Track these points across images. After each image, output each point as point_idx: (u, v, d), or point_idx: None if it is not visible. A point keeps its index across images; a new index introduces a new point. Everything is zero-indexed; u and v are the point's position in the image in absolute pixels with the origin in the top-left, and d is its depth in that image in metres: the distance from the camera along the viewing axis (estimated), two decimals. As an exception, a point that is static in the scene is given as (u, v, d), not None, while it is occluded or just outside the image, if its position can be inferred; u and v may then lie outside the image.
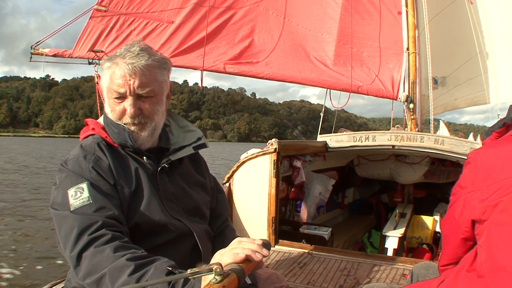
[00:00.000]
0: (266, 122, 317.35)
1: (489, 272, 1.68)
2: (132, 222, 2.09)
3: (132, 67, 2.14)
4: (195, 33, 7.17)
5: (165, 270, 1.73)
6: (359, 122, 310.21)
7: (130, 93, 2.16)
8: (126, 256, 1.80)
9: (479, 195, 1.79)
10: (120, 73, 2.15)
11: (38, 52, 6.95)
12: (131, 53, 2.18)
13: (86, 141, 2.23)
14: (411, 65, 7.73)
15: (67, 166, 2.11)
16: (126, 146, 2.23)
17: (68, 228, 1.91)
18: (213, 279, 1.42)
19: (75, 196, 1.98)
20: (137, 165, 2.22)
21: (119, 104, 2.20)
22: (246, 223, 4.92)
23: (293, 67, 7.49)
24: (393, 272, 4.14)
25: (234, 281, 1.47)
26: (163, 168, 2.28)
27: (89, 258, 1.83)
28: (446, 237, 2.12)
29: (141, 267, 1.76)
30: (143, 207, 2.14)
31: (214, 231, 2.55)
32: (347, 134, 6.14)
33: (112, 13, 6.93)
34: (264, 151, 4.80)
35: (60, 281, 3.27)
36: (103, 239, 1.87)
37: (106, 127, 2.29)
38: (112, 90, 2.18)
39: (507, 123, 1.93)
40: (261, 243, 1.73)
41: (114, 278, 1.75)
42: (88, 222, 1.91)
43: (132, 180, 2.16)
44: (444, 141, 5.49)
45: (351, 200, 8.48)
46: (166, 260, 1.82)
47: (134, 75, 2.14)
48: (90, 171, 2.06)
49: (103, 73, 2.21)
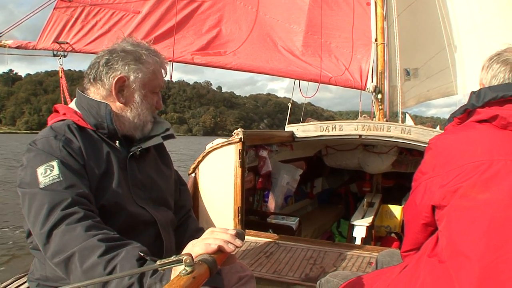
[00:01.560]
0: (232, 115, 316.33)
1: (449, 257, 1.69)
2: (99, 204, 2.05)
3: (166, 68, 2.42)
4: (162, 23, 7.11)
5: (136, 255, 1.70)
6: (326, 115, 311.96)
7: (161, 88, 2.40)
8: (98, 236, 1.77)
9: (439, 181, 1.81)
10: (163, 71, 2.38)
11: (1, 44, 6.80)
12: (161, 55, 2.41)
13: (56, 124, 2.19)
14: (379, 56, 7.78)
15: (36, 146, 2.06)
16: (101, 128, 2.22)
17: (38, 205, 1.87)
18: (183, 270, 1.37)
19: (44, 174, 1.93)
20: (108, 149, 2.20)
21: (153, 97, 2.36)
22: (212, 213, 4.90)
23: (261, 57, 7.48)
24: (359, 260, 4.16)
25: (205, 273, 1.43)
26: (133, 155, 2.28)
27: (59, 236, 1.79)
28: (407, 222, 2.14)
29: (112, 250, 1.72)
30: (111, 190, 2.11)
31: (177, 222, 2.54)
32: (313, 124, 6.13)
33: (77, 3, 6.81)
34: (229, 141, 4.77)
35: (24, 274, 3.22)
36: (75, 217, 1.83)
37: (80, 109, 2.28)
38: (154, 85, 2.34)
39: (468, 109, 1.94)
40: (235, 233, 1.67)
41: (83, 258, 1.71)
42: (59, 198, 1.87)
43: (102, 163, 2.15)
44: (411, 131, 5.52)
45: (319, 190, 8.52)
46: (139, 246, 1.78)
47: (165, 74, 2.43)
48: (61, 150, 2.03)
49: (143, 65, 2.28)
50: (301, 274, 3.77)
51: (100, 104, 2.22)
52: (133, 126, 2.29)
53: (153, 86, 2.32)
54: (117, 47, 2.29)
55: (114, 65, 2.22)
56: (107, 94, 2.25)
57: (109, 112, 2.20)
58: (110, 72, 2.22)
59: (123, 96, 2.25)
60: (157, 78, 2.32)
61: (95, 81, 2.27)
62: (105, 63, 2.23)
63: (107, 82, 2.23)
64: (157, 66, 2.32)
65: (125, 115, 2.27)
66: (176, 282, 1.33)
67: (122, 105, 2.26)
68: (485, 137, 1.80)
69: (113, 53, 2.25)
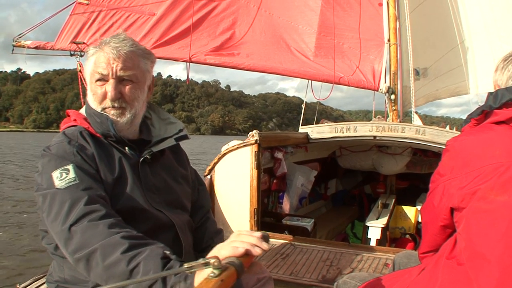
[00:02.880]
0: (241, 114, 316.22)
1: (468, 260, 1.69)
2: (114, 209, 2.03)
3: (117, 51, 2.18)
4: (176, 25, 7.20)
5: (161, 253, 1.69)
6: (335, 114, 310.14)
7: (112, 75, 2.18)
8: (121, 233, 1.77)
9: (457, 183, 1.80)
10: (104, 56, 2.18)
11: (20, 45, 6.93)
12: (116, 39, 2.24)
13: (68, 130, 2.21)
14: (392, 56, 7.76)
15: (50, 151, 2.07)
16: (109, 136, 2.21)
17: (59, 202, 1.87)
18: (211, 273, 1.37)
19: (60, 177, 1.94)
20: (120, 155, 2.20)
21: (100, 86, 2.20)
22: (228, 215, 4.91)
23: (274, 59, 7.51)
24: (375, 261, 4.16)
25: (232, 275, 1.43)
26: (145, 160, 2.27)
27: (81, 232, 1.79)
28: (425, 224, 2.13)
29: (136, 247, 1.72)
30: (125, 194, 2.12)
31: (195, 223, 2.55)
32: (328, 125, 6.13)
33: (94, 6, 6.92)
34: (245, 142, 4.78)
35: (42, 275, 3.25)
36: (97, 214, 1.84)
37: (88, 117, 2.27)
38: (95, 73, 2.19)
39: (485, 110, 1.93)
40: (261, 236, 1.67)
41: (106, 254, 1.70)
42: (81, 195, 1.88)
43: (115, 168, 2.15)
44: (426, 131, 5.51)
45: (334, 191, 8.50)
46: (162, 246, 1.77)
47: (118, 58, 2.18)
48: (75, 155, 2.04)
49: (88, 60, 2.23)
50: (318, 276, 3.77)
51: (102, 115, 2.21)
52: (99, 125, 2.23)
53: (94, 73, 2.20)
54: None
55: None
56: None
57: (110, 122, 2.20)
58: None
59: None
60: (96, 65, 2.20)
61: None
62: None
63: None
64: (98, 53, 2.22)
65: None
66: (204, 285, 1.34)
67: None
68: (503, 138, 1.79)
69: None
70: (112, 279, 1.69)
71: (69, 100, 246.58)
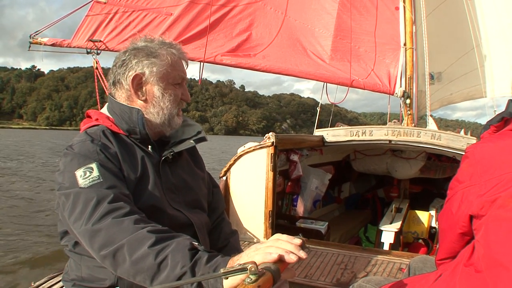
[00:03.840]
0: (255, 115, 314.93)
1: (486, 267, 1.68)
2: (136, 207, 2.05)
3: (186, 59, 2.39)
4: (193, 25, 7.24)
5: (188, 245, 1.69)
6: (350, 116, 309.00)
7: (184, 80, 2.37)
8: (147, 228, 1.77)
9: (477, 190, 1.78)
10: (182, 61, 2.36)
11: (37, 42, 6.98)
12: (177, 46, 2.37)
13: (90, 129, 2.21)
14: (408, 60, 7.76)
15: (73, 150, 2.08)
16: (134, 133, 2.24)
17: (84, 200, 1.88)
18: (247, 279, 1.36)
19: (84, 176, 1.94)
20: (142, 154, 2.21)
21: (177, 89, 2.33)
22: (243, 216, 4.93)
23: (290, 61, 7.55)
24: (390, 266, 4.16)
25: (269, 281, 1.40)
26: (166, 159, 2.30)
27: (106, 228, 1.79)
28: (443, 231, 2.12)
29: (163, 240, 1.72)
30: (147, 193, 2.13)
31: (210, 224, 2.56)
32: (344, 129, 6.13)
33: (112, 5, 6.97)
34: (261, 144, 4.80)
35: (58, 274, 3.28)
36: (122, 211, 1.84)
37: (112, 114, 2.30)
38: (173, 76, 2.30)
39: (505, 117, 1.93)
40: (299, 244, 1.62)
41: (133, 249, 1.71)
42: (105, 193, 1.89)
43: (138, 167, 2.16)
44: (441, 136, 5.50)
45: (347, 194, 8.50)
46: (189, 237, 1.77)
47: (186, 65, 2.39)
48: (98, 153, 2.04)
49: (152, 59, 2.25)
50: (332, 279, 3.78)
51: (132, 109, 2.24)
52: (160, 122, 2.29)
53: (173, 78, 2.29)
54: (129, 46, 2.31)
55: (129, 65, 2.24)
56: (128, 94, 2.27)
57: (141, 117, 2.22)
58: (126, 72, 2.24)
59: (142, 93, 2.26)
60: (175, 69, 2.30)
61: (115, 84, 2.30)
62: (121, 65, 2.26)
63: (124, 83, 2.25)
64: (173, 57, 2.29)
65: (149, 112, 2.27)
66: None
67: (143, 103, 2.27)
68: None
69: (126, 53, 2.28)
70: (140, 273, 1.69)
71: (82, 98, 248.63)
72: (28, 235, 10.66)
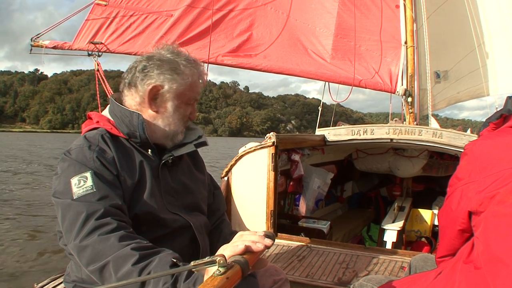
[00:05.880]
0: (259, 116, 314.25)
1: (486, 264, 1.68)
2: (132, 214, 2.09)
3: (205, 80, 2.43)
4: (193, 26, 7.25)
5: (169, 261, 1.73)
6: (355, 116, 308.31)
7: (197, 101, 2.43)
8: (131, 245, 1.81)
9: (476, 187, 1.78)
10: (201, 84, 2.38)
11: (38, 44, 7.00)
12: (201, 67, 2.41)
13: (90, 133, 2.22)
14: (409, 58, 7.75)
15: (70, 155, 2.10)
16: (134, 137, 2.25)
17: (73, 215, 1.91)
18: (216, 271, 1.41)
19: (78, 184, 1.97)
20: (141, 158, 2.23)
21: (188, 108, 2.37)
22: (245, 216, 4.92)
23: (291, 60, 7.54)
24: (391, 264, 4.15)
25: (237, 273, 1.45)
26: (165, 163, 2.31)
27: (93, 245, 1.83)
28: (443, 228, 2.12)
29: (146, 258, 1.77)
30: (144, 199, 2.14)
31: (211, 225, 2.57)
32: (345, 128, 6.13)
33: (113, 7, 6.99)
34: (262, 144, 4.79)
35: (60, 275, 3.28)
36: (108, 228, 1.87)
37: (113, 116, 2.31)
38: (189, 97, 2.34)
39: (504, 114, 1.93)
40: (263, 234, 1.71)
41: (117, 266, 1.76)
42: (93, 209, 1.91)
43: (135, 172, 2.17)
44: (443, 134, 5.49)
45: (350, 193, 8.49)
46: (171, 252, 1.82)
47: (203, 85, 2.43)
48: (94, 161, 2.06)
49: (177, 75, 2.28)
50: (334, 278, 3.77)
51: (133, 113, 2.24)
52: (164, 135, 2.31)
53: (188, 98, 2.33)
54: (156, 54, 2.30)
55: (150, 73, 2.24)
56: (141, 100, 2.27)
57: (141, 122, 2.22)
58: (145, 79, 2.24)
59: (155, 104, 2.27)
60: (192, 90, 2.33)
61: (130, 86, 2.30)
62: (142, 70, 2.25)
63: (141, 88, 2.25)
64: (194, 78, 2.32)
65: (157, 123, 2.29)
66: (210, 282, 1.37)
67: (154, 113, 2.28)
68: None
69: (150, 60, 2.26)
70: None
71: (85, 101, 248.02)
72: (30, 237, 10.71)
